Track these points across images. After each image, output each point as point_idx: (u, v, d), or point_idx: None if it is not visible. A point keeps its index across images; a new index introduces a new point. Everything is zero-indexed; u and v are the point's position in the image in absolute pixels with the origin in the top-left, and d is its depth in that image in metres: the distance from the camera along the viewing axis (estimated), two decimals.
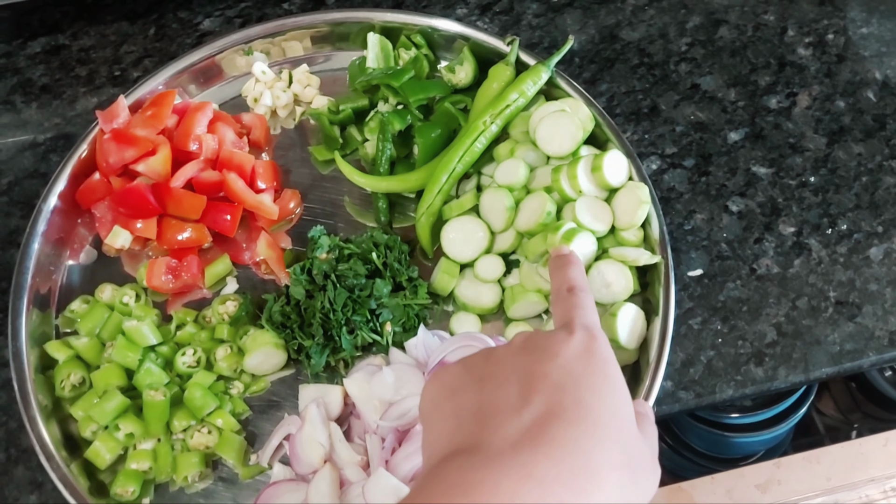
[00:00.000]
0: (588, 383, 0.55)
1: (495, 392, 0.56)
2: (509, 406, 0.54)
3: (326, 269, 0.91)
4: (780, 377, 0.91)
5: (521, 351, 0.59)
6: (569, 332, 0.60)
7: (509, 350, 0.60)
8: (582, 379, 0.55)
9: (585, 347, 0.58)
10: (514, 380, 0.56)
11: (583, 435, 0.51)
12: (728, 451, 1.33)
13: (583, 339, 0.59)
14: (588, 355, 0.58)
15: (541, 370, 0.56)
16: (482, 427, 0.53)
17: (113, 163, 0.95)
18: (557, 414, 0.52)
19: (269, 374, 0.91)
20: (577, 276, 0.70)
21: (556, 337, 0.60)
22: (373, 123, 1.02)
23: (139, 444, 0.86)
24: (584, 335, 0.60)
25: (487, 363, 0.59)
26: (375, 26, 1.06)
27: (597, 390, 0.55)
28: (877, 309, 0.94)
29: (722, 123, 1.05)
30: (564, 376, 0.55)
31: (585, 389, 0.54)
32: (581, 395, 0.54)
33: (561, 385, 0.54)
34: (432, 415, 0.59)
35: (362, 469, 0.82)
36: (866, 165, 1.02)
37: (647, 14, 1.14)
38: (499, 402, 0.55)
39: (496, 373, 0.58)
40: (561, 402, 0.53)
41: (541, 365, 0.57)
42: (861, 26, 1.13)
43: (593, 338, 0.60)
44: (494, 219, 0.93)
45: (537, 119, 0.94)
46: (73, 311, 0.93)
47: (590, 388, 0.55)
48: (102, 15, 1.16)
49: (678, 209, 1.00)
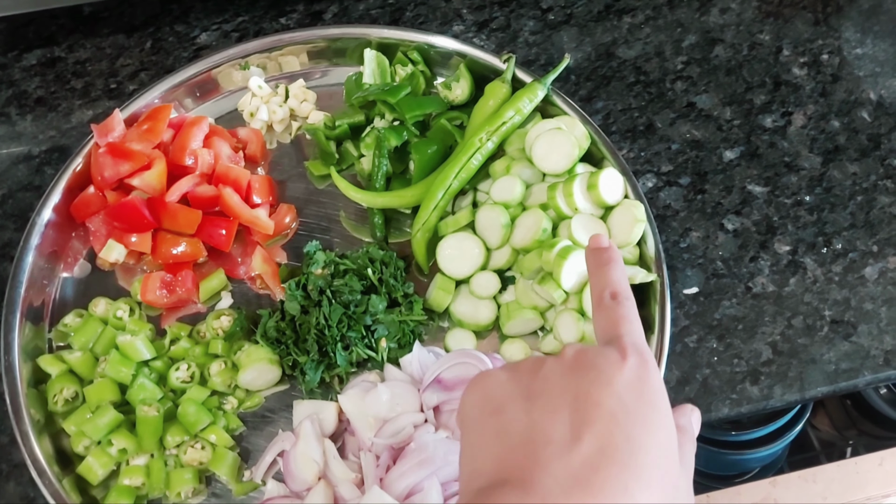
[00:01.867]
0: (640, 418, 0.53)
1: (545, 417, 0.54)
2: (561, 439, 0.52)
3: (322, 284, 0.91)
4: (775, 396, 0.90)
5: (572, 369, 0.57)
6: (621, 353, 0.57)
7: (560, 366, 0.57)
8: (634, 412, 0.54)
9: (638, 375, 0.56)
10: (565, 404, 0.54)
11: (632, 479, 0.51)
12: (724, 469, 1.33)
13: (635, 364, 0.57)
14: (641, 384, 0.55)
15: (594, 397, 0.54)
16: (532, 460, 0.52)
17: (108, 176, 0.95)
18: (609, 455, 0.51)
19: (263, 390, 0.91)
20: (621, 278, 0.65)
21: (609, 358, 0.57)
22: (369, 139, 1.02)
23: (132, 459, 0.85)
24: (636, 360, 0.57)
25: (535, 378, 0.57)
26: (372, 42, 1.06)
27: (648, 426, 0.54)
28: (872, 328, 0.94)
29: (717, 142, 1.06)
30: (617, 407, 0.53)
31: (637, 425, 0.53)
32: (632, 431, 0.52)
33: (613, 417, 0.53)
34: (475, 430, 0.57)
35: (357, 487, 0.82)
36: (861, 185, 1.03)
37: (643, 32, 1.14)
38: (549, 431, 0.53)
39: (545, 391, 0.56)
40: (613, 439, 0.52)
41: (594, 390, 0.54)
42: (855, 46, 1.13)
43: (645, 363, 0.57)
44: (490, 235, 0.93)
45: (533, 136, 0.94)
46: (67, 324, 0.92)
47: (641, 424, 0.53)
48: (98, 28, 1.16)
49: (674, 227, 1.00)
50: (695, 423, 0.63)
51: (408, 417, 0.83)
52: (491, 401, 0.57)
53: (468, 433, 0.57)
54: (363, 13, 1.16)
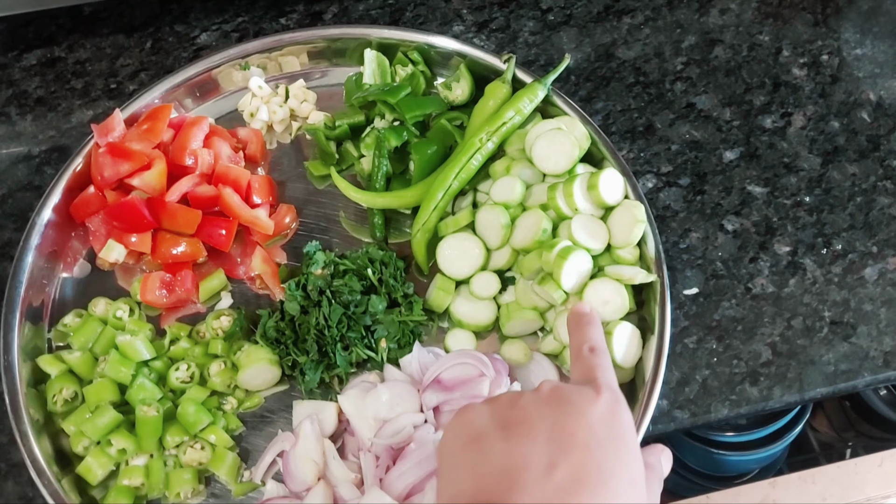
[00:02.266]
0: (611, 449, 0.57)
1: (521, 446, 0.57)
2: (537, 465, 0.55)
3: (321, 284, 0.91)
4: (775, 397, 0.91)
5: (547, 402, 0.60)
6: (595, 391, 0.61)
7: (536, 398, 0.61)
8: (605, 443, 0.57)
9: (610, 410, 0.60)
10: (541, 433, 0.58)
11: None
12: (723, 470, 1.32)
13: (608, 401, 0.61)
14: (612, 419, 0.60)
15: (569, 428, 0.58)
16: (510, 485, 0.55)
17: (108, 176, 0.94)
18: (583, 482, 0.55)
19: (262, 390, 0.91)
20: (598, 336, 0.71)
21: (584, 394, 0.61)
22: (369, 139, 1.02)
23: (131, 459, 0.85)
24: (609, 397, 0.61)
25: (512, 408, 0.61)
26: (372, 42, 1.06)
27: (617, 457, 0.57)
28: (871, 329, 0.94)
29: (717, 142, 1.06)
30: (590, 439, 0.57)
31: (608, 456, 0.57)
32: (604, 461, 0.56)
33: (587, 447, 0.57)
34: (453, 457, 0.60)
35: (356, 487, 0.82)
36: (860, 186, 1.03)
37: (643, 33, 1.14)
38: (527, 457, 0.56)
39: (522, 421, 0.59)
40: (585, 468, 0.55)
41: (569, 422, 0.58)
42: (855, 47, 1.13)
43: (617, 401, 0.62)
44: (490, 236, 0.93)
45: (533, 137, 0.94)
46: (66, 324, 0.92)
47: (612, 456, 0.57)
48: (98, 28, 1.16)
49: (673, 227, 1.00)
50: (664, 462, 0.67)
51: (407, 418, 0.83)
52: (469, 430, 0.60)
53: (446, 461, 0.61)
54: (363, 13, 1.16)
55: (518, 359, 0.90)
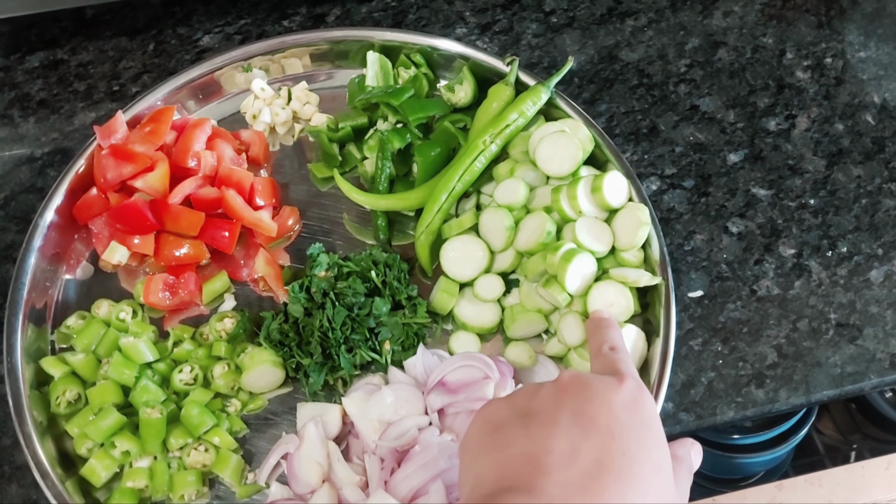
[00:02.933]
0: (634, 435, 0.57)
1: (543, 431, 0.57)
2: (560, 451, 0.55)
3: (325, 287, 0.90)
4: (780, 399, 0.90)
5: (568, 389, 0.60)
6: (619, 379, 0.61)
7: (556, 387, 0.60)
8: (628, 429, 0.57)
9: (633, 397, 0.59)
10: (563, 420, 0.57)
11: (629, 489, 0.54)
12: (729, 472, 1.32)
13: (631, 388, 0.60)
14: (635, 405, 0.59)
15: (589, 412, 0.57)
16: (534, 469, 0.55)
17: (111, 178, 0.94)
18: (606, 465, 0.54)
19: (266, 392, 0.90)
20: (617, 337, 0.71)
21: (606, 381, 0.61)
22: (372, 141, 1.02)
23: (135, 462, 0.85)
24: (633, 384, 0.61)
25: (533, 398, 0.60)
26: (375, 45, 1.06)
27: (642, 443, 0.56)
28: (877, 331, 0.93)
29: (721, 144, 1.06)
30: (613, 422, 0.57)
31: (631, 440, 0.56)
32: (627, 446, 0.55)
33: (609, 431, 0.56)
34: (474, 448, 0.60)
35: (361, 489, 0.81)
36: (865, 188, 1.02)
37: (646, 35, 1.14)
38: (549, 443, 0.56)
39: (542, 409, 0.59)
40: (609, 452, 0.55)
41: (590, 406, 0.58)
42: (859, 50, 1.13)
43: (640, 389, 0.61)
44: (494, 238, 0.93)
45: (537, 139, 0.94)
46: (70, 326, 0.92)
47: (636, 440, 0.56)
48: (101, 30, 1.16)
49: (678, 230, 1.00)
50: (694, 455, 0.65)
51: (412, 420, 0.83)
52: (490, 422, 0.60)
53: (467, 453, 0.61)
54: (366, 16, 1.16)
55: (522, 361, 0.90)
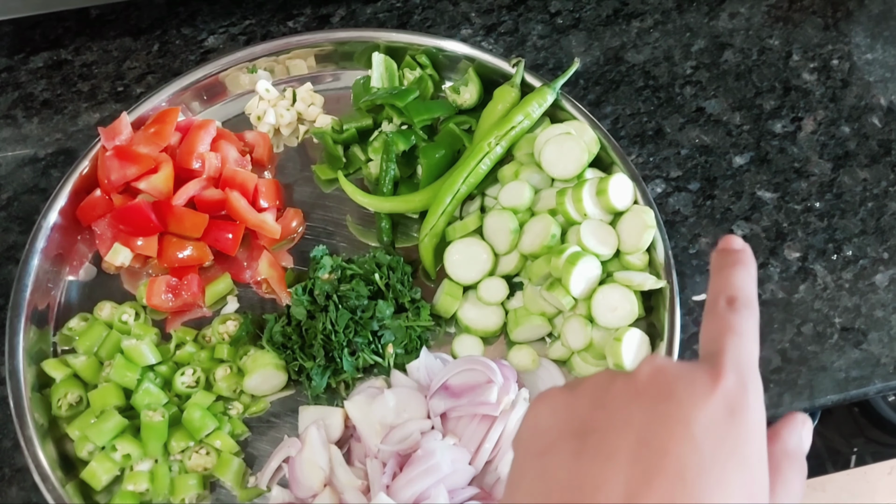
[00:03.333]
0: (714, 478, 0.41)
1: (596, 464, 0.43)
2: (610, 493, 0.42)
3: (328, 289, 0.90)
4: (784, 403, 0.90)
5: (642, 396, 0.45)
6: (713, 375, 0.45)
7: (629, 390, 0.46)
8: (710, 469, 0.42)
9: (729, 408, 0.43)
10: (625, 448, 0.43)
11: None
12: None
13: (729, 391, 0.44)
14: (728, 424, 0.43)
15: (661, 442, 0.42)
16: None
17: (114, 180, 0.94)
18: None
19: (268, 395, 0.90)
20: (745, 284, 0.51)
21: (695, 383, 0.45)
22: (377, 143, 1.01)
23: (136, 465, 0.84)
24: (733, 384, 0.44)
25: (595, 408, 0.46)
26: (380, 46, 1.06)
27: (727, 486, 0.42)
28: (883, 336, 0.93)
29: (727, 147, 1.05)
30: (689, 458, 0.42)
31: (710, 485, 0.41)
32: (702, 494, 0.41)
33: (681, 476, 0.41)
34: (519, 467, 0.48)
35: (363, 494, 0.81)
36: (872, 191, 1.02)
37: (652, 37, 1.14)
38: (599, 482, 0.42)
39: (603, 427, 0.45)
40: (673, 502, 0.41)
41: (663, 432, 0.43)
42: (866, 52, 1.12)
43: (743, 390, 0.44)
44: (498, 241, 0.92)
45: (542, 141, 0.94)
46: (72, 328, 0.92)
47: (715, 484, 0.41)
48: (105, 30, 1.16)
49: (683, 233, 0.99)
50: (805, 438, 0.51)
51: (414, 424, 0.83)
52: (539, 436, 0.48)
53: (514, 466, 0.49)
54: (371, 17, 1.16)
55: (526, 365, 0.89)
